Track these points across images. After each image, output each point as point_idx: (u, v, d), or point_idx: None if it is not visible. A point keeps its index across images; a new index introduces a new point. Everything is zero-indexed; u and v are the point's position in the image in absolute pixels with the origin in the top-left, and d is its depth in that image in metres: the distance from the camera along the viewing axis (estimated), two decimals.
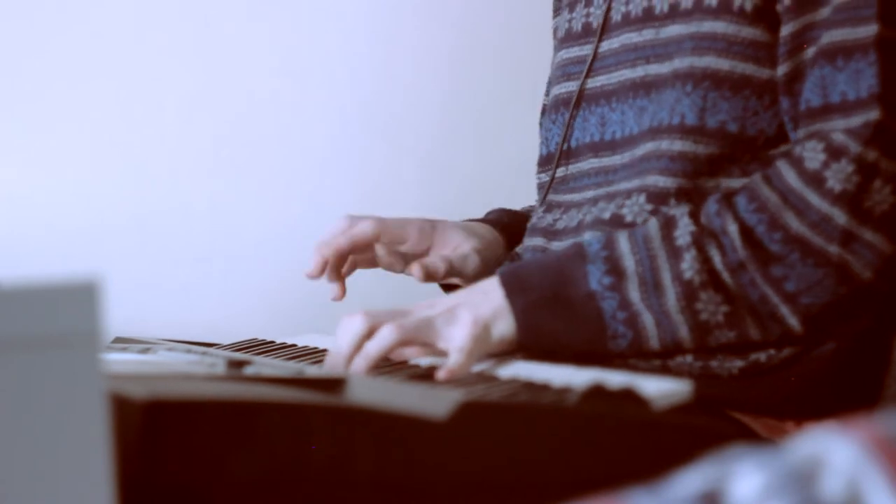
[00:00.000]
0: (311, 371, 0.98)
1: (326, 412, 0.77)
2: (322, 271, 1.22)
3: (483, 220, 1.38)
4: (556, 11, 1.33)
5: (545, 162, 1.29)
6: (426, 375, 1.03)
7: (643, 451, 0.86)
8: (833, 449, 0.45)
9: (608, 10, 1.20)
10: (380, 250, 1.27)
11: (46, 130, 1.81)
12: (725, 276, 1.02)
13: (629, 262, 1.04)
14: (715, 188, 1.08)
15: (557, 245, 1.19)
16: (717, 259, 1.02)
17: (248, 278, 1.86)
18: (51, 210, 1.80)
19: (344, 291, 1.24)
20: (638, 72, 1.15)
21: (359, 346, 1.04)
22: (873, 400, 1.09)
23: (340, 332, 1.06)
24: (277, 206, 1.89)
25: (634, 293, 1.03)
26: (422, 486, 0.79)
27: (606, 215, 1.13)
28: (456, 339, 1.03)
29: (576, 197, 1.21)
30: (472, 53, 1.95)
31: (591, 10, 1.23)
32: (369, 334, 1.04)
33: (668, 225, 1.05)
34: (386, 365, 1.07)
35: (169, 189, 1.84)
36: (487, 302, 1.05)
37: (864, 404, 1.09)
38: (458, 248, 1.27)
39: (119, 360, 1.02)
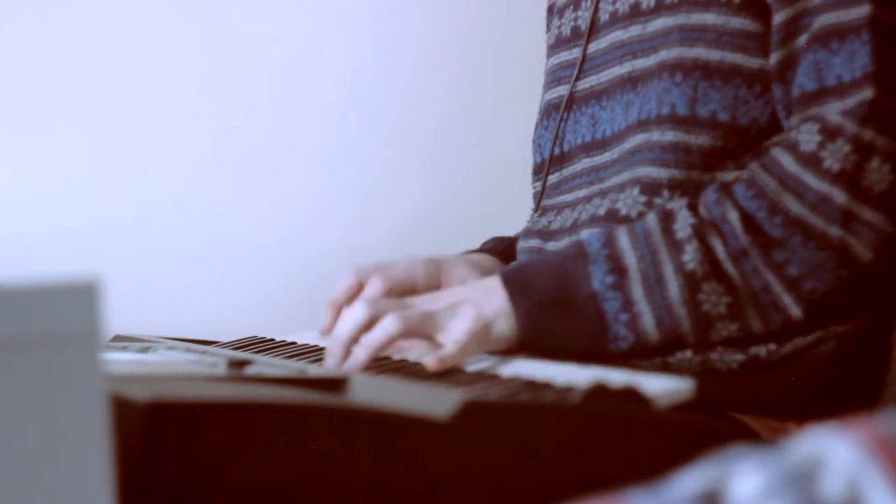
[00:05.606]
0: (313, 371, 0.98)
1: (328, 413, 0.77)
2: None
3: (480, 251, 1.38)
4: (549, 26, 1.33)
5: (539, 170, 1.29)
6: (427, 375, 1.03)
7: (645, 450, 0.86)
8: (833, 449, 0.45)
9: (595, 10, 1.20)
10: None
11: (46, 130, 1.81)
12: (728, 265, 1.02)
13: (631, 259, 1.04)
14: (710, 181, 1.08)
15: (553, 245, 1.19)
16: (719, 248, 1.02)
17: (248, 278, 1.86)
18: (51, 210, 1.80)
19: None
20: (625, 67, 1.15)
21: (357, 336, 1.04)
22: (873, 400, 1.09)
23: (342, 320, 1.06)
24: (277, 206, 1.88)
25: (637, 290, 1.03)
26: (424, 486, 0.79)
27: (601, 211, 1.13)
28: (454, 332, 1.04)
29: (569, 197, 1.21)
30: (472, 53, 1.95)
31: (580, 13, 1.23)
32: (370, 324, 1.05)
33: (667, 218, 1.05)
34: (387, 364, 1.07)
35: (169, 189, 1.84)
36: (490, 301, 1.06)
37: (864, 404, 1.08)
38: (464, 280, 1.29)
39: (120, 361, 1.02)
